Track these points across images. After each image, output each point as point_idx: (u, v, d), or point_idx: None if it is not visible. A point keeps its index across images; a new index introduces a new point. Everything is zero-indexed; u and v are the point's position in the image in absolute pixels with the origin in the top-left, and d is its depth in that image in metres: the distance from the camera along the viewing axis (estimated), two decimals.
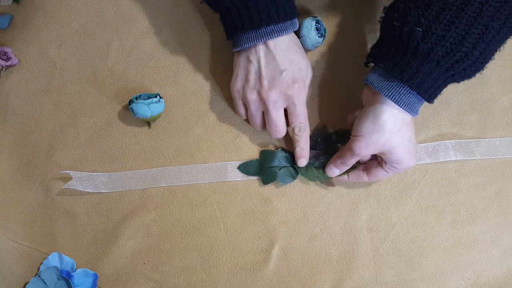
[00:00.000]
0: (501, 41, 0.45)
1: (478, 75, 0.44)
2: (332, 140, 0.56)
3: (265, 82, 0.51)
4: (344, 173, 0.54)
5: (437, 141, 0.56)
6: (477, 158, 0.56)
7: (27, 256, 0.54)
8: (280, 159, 0.56)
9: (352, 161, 0.52)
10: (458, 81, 0.48)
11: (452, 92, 0.58)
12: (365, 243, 0.55)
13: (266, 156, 0.56)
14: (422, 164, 0.56)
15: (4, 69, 0.58)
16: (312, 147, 0.56)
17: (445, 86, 0.48)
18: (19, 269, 0.54)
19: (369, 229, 0.55)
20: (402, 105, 0.46)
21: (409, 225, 0.55)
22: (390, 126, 0.47)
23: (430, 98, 0.47)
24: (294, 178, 0.55)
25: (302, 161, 0.55)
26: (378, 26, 0.50)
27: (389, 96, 0.46)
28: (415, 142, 0.51)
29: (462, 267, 0.54)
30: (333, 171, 0.54)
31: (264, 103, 0.51)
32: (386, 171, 0.51)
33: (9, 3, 0.60)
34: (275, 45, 0.50)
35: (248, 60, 0.51)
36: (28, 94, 0.58)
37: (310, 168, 0.56)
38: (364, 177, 0.53)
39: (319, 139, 0.56)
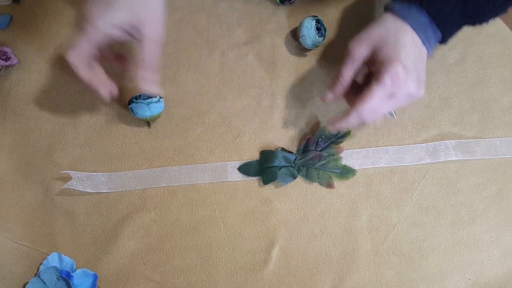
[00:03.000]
0: None
1: (478, 74, 0.44)
2: (332, 141, 0.56)
3: None
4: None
5: (438, 141, 0.56)
6: (478, 158, 0.56)
7: (26, 256, 0.54)
8: (280, 159, 0.56)
9: (348, 66, 0.49)
10: (473, 22, 0.48)
11: (452, 92, 0.58)
12: (365, 243, 0.54)
13: (266, 156, 0.56)
14: (423, 164, 0.56)
15: (3, 69, 0.58)
16: (312, 149, 0.56)
17: (460, 22, 0.48)
18: (18, 269, 0.54)
19: (369, 229, 0.55)
20: (411, 21, 0.46)
21: (410, 225, 0.55)
22: (389, 25, 0.47)
23: (440, 23, 0.47)
24: (294, 178, 0.55)
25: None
26: None
27: (397, 10, 0.47)
28: (421, 73, 0.48)
29: (462, 267, 0.54)
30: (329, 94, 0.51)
31: None
32: (377, 82, 0.46)
33: (9, 3, 0.60)
34: None
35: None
36: (28, 94, 0.58)
37: (310, 169, 0.55)
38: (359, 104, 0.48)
39: (319, 140, 0.56)
